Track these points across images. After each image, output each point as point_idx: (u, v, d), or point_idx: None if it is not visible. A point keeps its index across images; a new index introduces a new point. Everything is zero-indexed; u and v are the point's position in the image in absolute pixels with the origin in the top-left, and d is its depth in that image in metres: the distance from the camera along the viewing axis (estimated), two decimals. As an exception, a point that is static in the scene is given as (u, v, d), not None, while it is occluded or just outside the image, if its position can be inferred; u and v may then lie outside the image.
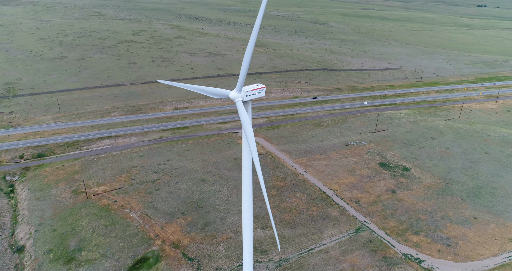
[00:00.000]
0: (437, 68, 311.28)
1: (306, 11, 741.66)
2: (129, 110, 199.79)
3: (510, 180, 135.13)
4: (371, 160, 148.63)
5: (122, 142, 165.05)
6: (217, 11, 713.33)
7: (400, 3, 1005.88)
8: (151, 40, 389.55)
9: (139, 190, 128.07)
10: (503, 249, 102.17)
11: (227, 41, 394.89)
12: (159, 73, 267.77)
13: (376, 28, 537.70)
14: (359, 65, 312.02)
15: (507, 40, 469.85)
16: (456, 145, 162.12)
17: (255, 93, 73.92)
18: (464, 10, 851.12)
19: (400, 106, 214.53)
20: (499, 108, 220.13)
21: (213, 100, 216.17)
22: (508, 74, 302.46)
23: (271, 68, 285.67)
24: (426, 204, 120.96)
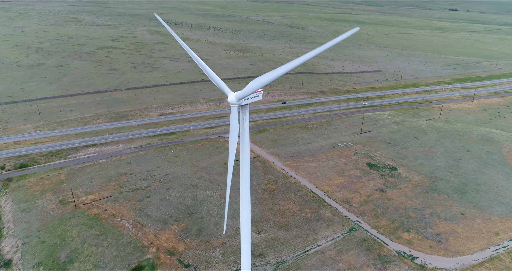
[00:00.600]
0: (415, 70, 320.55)
1: (285, 16, 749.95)
2: (113, 117, 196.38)
3: (491, 176, 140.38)
4: (359, 161, 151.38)
5: (108, 150, 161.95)
6: (197, 16, 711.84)
7: (375, 7, 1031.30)
8: (132, 46, 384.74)
9: (129, 197, 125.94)
10: (490, 243, 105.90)
11: (209, 46, 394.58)
12: (142, 79, 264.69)
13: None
14: (340, 68, 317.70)
15: (478, 42, 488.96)
16: (439, 144, 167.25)
17: (252, 96, 74.49)
18: (436, 14, 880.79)
19: (383, 108, 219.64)
20: (476, 107, 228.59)
21: (199, 105, 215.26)
22: (481, 75, 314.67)
23: (254, 72, 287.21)
24: (415, 202, 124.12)
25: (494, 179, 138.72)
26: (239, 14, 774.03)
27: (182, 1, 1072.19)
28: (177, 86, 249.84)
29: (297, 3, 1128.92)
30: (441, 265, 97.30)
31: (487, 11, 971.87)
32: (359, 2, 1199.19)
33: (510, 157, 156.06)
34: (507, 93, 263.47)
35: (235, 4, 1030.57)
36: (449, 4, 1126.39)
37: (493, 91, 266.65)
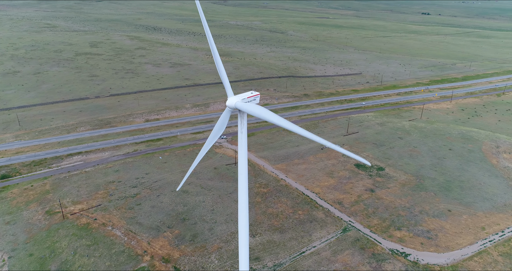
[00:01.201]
0: (394, 72, 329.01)
1: (264, 21, 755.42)
2: (97, 124, 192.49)
3: (474, 173, 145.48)
4: (347, 162, 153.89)
5: (94, 157, 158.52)
6: (175, 21, 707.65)
7: (352, 11, 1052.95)
8: (111, 51, 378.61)
9: (119, 206, 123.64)
10: (477, 237, 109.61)
11: (191, 51, 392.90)
12: (124, 85, 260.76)
13: (333, 36, 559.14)
14: (322, 71, 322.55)
15: (452, 44, 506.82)
16: (423, 143, 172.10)
17: (250, 100, 75.05)
18: (410, 17, 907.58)
19: (366, 109, 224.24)
20: (454, 107, 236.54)
21: (185, 111, 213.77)
22: (457, 76, 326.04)
23: (238, 76, 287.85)
24: (404, 201, 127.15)
25: (476, 175, 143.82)
26: (218, 19, 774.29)
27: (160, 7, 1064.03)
28: (161, 92, 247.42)
29: (275, 7, 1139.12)
30: (433, 261, 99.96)
31: (457, 15, 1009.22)
32: (335, 6, 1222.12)
33: (489, 154, 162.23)
34: (482, 93, 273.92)
35: (214, 9, 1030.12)
36: (422, 8, 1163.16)
37: (469, 91, 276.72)
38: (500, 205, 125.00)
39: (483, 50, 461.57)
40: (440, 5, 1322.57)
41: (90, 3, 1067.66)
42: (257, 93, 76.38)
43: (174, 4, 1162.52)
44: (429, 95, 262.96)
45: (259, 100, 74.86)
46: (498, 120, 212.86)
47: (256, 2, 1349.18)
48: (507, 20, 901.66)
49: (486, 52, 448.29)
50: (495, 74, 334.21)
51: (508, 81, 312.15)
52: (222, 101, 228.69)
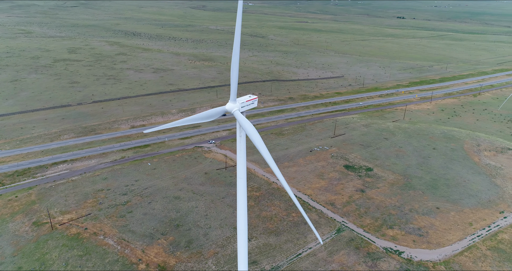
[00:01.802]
0: (375, 75, 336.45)
1: (244, 25, 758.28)
2: (81, 132, 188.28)
3: (458, 171, 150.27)
4: (336, 163, 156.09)
5: (80, 166, 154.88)
6: (155, 26, 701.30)
7: (330, 16, 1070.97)
8: (91, 57, 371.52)
9: (110, 214, 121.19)
10: (466, 233, 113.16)
11: (173, 56, 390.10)
12: (107, 91, 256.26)
13: (313, 40, 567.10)
14: (305, 75, 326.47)
15: (427, 47, 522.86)
16: (407, 144, 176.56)
17: (249, 104, 75.78)
18: (386, 21, 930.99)
19: (351, 112, 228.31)
20: (434, 108, 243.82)
21: (171, 116, 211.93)
22: (434, 77, 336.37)
23: (222, 81, 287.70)
24: (394, 200, 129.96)
25: (460, 173, 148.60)
26: (198, 24, 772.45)
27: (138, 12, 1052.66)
28: (145, 97, 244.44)
29: (254, 11, 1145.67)
30: (426, 257, 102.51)
31: (431, 18, 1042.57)
32: (313, 11, 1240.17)
33: (471, 152, 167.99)
34: (459, 94, 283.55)
35: (193, 14, 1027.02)
36: (397, 12, 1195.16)
37: (447, 92, 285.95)
38: (484, 201, 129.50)
39: (457, 53, 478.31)
40: (414, 9, 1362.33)
41: (65, 8, 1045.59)
42: (255, 97, 77.21)
43: (152, 9, 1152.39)
44: (409, 96, 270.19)
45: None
46: (476, 120, 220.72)
47: (235, 7, 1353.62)
48: (477, 23, 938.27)
49: (460, 55, 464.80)
50: (470, 76, 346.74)
51: (483, 82, 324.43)
52: (208, 106, 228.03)
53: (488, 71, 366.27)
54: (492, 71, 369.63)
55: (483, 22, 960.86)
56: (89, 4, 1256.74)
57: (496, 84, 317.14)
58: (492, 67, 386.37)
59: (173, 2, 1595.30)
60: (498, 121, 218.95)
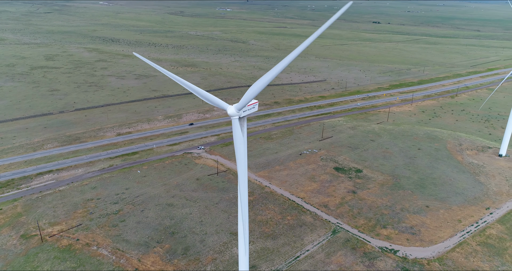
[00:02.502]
0: (356, 78, 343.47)
1: (224, 31, 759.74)
2: (65, 140, 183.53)
3: (444, 170, 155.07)
4: (326, 166, 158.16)
5: (66, 175, 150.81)
6: (133, 32, 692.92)
7: (307, 21, 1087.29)
8: (70, 64, 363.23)
9: (102, 224, 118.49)
10: (456, 229, 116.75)
11: (155, 63, 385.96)
12: (89, 99, 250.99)
13: (293, 45, 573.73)
14: (288, 79, 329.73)
15: (404, 51, 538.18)
16: (393, 145, 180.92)
17: (250, 108, 76.35)
18: (363, 26, 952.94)
19: (336, 115, 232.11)
20: (415, 110, 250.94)
21: (157, 123, 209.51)
22: (413, 80, 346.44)
23: (207, 86, 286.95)
24: (385, 200, 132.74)
25: (446, 172, 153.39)
26: (178, 29, 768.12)
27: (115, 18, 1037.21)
28: (130, 104, 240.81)
29: (233, 17, 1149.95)
30: (420, 255, 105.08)
31: (405, 23, 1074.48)
32: (291, 16, 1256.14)
33: (454, 152, 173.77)
34: (437, 95, 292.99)
35: (171, 20, 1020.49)
36: (372, 17, 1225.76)
37: (426, 94, 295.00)
38: (471, 198, 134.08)
39: (432, 56, 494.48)
40: (388, 14, 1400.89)
41: (39, 14, 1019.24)
42: (255, 101, 77.95)
43: (129, 15, 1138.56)
44: (391, 99, 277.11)
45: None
46: (456, 120, 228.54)
47: (213, 13, 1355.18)
48: (449, 27, 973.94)
49: (435, 58, 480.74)
50: (446, 78, 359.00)
51: (459, 84, 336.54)
52: (194, 112, 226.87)
53: (463, 74, 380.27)
54: (467, 73, 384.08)
55: (454, 26, 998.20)
56: (64, 10, 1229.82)
57: (471, 86, 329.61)
58: (466, 70, 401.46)
59: (150, 8, 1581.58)
60: (476, 121, 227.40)
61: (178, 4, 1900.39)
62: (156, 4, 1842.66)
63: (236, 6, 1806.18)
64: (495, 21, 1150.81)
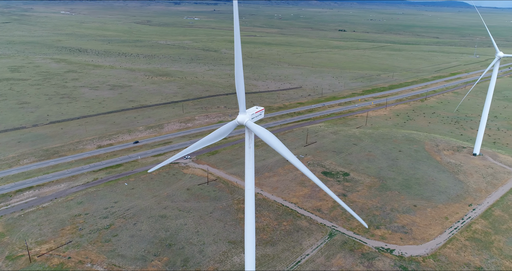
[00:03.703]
0: (330, 85, 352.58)
1: (194, 40, 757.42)
2: (43, 155, 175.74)
3: (425, 171, 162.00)
4: (314, 171, 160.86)
5: (49, 191, 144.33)
6: (101, 42, 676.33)
7: (276, 29, 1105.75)
8: (38, 76, 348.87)
9: (94, 239, 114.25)
10: (444, 227, 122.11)
11: (128, 72, 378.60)
12: (63, 111, 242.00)
13: (265, 53, 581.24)
14: (265, 87, 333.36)
15: (372, 57, 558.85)
16: (375, 148, 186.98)
17: (257, 115, 77.59)
18: (330, 34, 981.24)
19: (316, 120, 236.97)
20: (390, 113, 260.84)
21: (139, 134, 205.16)
22: (384, 85, 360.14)
23: (185, 96, 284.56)
24: (374, 201, 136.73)
25: (427, 172, 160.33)
26: (146, 39, 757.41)
27: (79, 28, 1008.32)
28: (107, 115, 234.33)
29: (201, 26, 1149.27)
30: (415, 252, 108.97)
31: (369, 31, 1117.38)
32: (260, 25, 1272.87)
33: (433, 152, 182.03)
34: (408, 99, 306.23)
35: (139, 29, 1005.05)
36: (337, 25, 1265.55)
37: (398, 98, 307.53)
38: (454, 196, 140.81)
39: (398, 62, 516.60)
40: (352, 22, 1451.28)
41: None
42: (261, 108, 79.33)
43: (94, 24, 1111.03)
44: (366, 104, 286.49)
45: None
46: (429, 123, 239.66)
47: (181, 22, 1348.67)
48: (410, 35, 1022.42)
49: (402, 64, 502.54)
50: (414, 83, 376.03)
51: (426, 88, 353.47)
52: (176, 121, 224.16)
53: (428, 78, 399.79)
54: (432, 78, 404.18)
55: (415, 34, 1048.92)
56: (23, 20, 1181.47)
57: (438, 89, 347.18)
58: (432, 74, 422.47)
59: (115, 17, 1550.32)
60: (447, 123, 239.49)
61: (143, 13, 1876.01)
62: (121, 14, 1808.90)
63: (203, 15, 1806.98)
64: (452, 29, 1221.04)
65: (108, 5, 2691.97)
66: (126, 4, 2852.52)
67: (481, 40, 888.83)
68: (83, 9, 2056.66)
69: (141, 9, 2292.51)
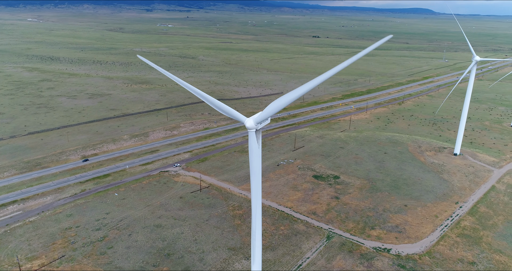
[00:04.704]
0: (310, 90, 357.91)
1: (170, 47, 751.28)
2: (24, 167, 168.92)
3: (411, 171, 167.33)
4: (305, 175, 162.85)
5: (34, 205, 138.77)
6: (73, 50, 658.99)
7: (251, 36, 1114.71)
8: (10, 86, 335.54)
9: (88, 253, 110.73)
10: (435, 225, 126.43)
11: (105, 81, 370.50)
12: (41, 121, 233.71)
13: (243, 59, 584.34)
14: (247, 93, 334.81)
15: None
16: (361, 150, 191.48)
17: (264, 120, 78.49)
18: (304, 40, 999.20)
19: (301, 125, 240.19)
20: (370, 117, 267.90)
21: (124, 143, 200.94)
22: (362, 90, 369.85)
23: (168, 103, 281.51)
24: (367, 203, 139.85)
25: (413, 173, 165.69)
26: (121, 46, 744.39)
27: (49, 35, 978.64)
28: (89, 125, 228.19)
29: (176, 33, 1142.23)
30: (411, 251, 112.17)
31: (342, 37, 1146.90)
32: (234, 32, 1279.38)
33: (416, 153, 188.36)
34: (386, 103, 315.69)
35: (112, 37, 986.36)
36: (311, 32, 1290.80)
37: (377, 102, 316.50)
38: (440, 195, 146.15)
39: (373, 67, 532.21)
40: (325, 29, 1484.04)
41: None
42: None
43: (64, 32, 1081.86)
44: (347, 108, 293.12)
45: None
46: (408, 125, 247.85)
47: (154, 29, 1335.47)
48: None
49: (377, 68, 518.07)
50: (390, 87, 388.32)
51: (402, 91, 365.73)
52: (161, 129, 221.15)
53: (403, 82, 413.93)
54: (407, 82, 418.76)
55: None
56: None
57: (413, 93, 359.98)
58: (406, 79, 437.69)
59: (85, 24, 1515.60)
60: (425, 125, 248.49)
61: (115, 20, 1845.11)
62: (91, 21, 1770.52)
63: (177, 22, 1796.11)
64: (420, 34, 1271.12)
65: (77, 12, 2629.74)
66: (96, 11, 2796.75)
67: (448, 45, 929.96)
68: (51, 16, 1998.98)
69: (112, 16, 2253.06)
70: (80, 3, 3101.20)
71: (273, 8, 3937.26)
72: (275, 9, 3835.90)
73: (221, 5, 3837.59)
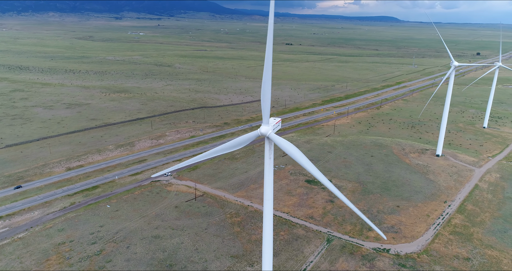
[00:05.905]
0: (290, 96, 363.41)
1: (144, 55, 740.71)
2: (6, 181, 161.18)
3: (399, 173, 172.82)
4: (298, 180, 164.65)
5: (22, 220, 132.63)
6: (42, 59, 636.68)
7: (225, 44, 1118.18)
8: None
9: (86, 267, 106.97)
10: (428, 223, 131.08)
11: (81, 90, 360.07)
12: (18, 133, 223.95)
13: (220, 67, 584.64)
14: (228, 100, 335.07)
15: (322, 69, 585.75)
16: (349, 154, 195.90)
17: (277, 126, 79.97)
18: (278, 48, 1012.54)
19: (286, 131, 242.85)
20: (352, 122, 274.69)
21: (109, 153, 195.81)
22: (340, 95, 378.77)
23: (150, 112, 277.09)
24: (361, 205, 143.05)
25: (401, 174, 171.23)
26: (92, 55, 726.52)
27: (14, 44, 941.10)
28: (70, 136, 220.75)
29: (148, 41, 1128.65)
30: (409, 250, 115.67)
31: (314, 44, 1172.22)
32: (208, 39, 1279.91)
33: (401, 156, 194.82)
34: (365, 107, 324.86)
35: (82, 45, 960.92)
36: (284, 39, 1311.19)
37: (356, 107, 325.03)
38: (429, 195, 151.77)
39: (348, 73, 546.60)
40: (296, 36, 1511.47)
41: None
42: (279, 119, 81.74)
43: (30, 41, 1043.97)
44: (328, 113, 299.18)
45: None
46: (389, 129, 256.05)
47: (125, 37, 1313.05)
48: (352, 47, 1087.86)
49: (351, 74, 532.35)
50: (366, 92, 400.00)
51: (379, 96, 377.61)
52: (146, 138, 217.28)
53: (378, 88, 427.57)
54: (381, 87, 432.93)
55: (356, 46, 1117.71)
56: None
57: (389, 97, 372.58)
58: (380, 84, 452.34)
59: (52, 33, 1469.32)
60: (405, 128, 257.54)
61: (84, 28, 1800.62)
62: (58, 29, 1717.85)
63: (148, 30, 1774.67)
64: (388, 41, 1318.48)
65: (42, 20, 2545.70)
66: (62, 19, 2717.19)
67: (415, 51, 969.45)
68: (15, 24, 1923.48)
69: (80, 24, 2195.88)
70: (45, 11, 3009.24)
71: (244, 16, 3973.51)
72: (246, 17, 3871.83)
73: (192, 13, 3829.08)
